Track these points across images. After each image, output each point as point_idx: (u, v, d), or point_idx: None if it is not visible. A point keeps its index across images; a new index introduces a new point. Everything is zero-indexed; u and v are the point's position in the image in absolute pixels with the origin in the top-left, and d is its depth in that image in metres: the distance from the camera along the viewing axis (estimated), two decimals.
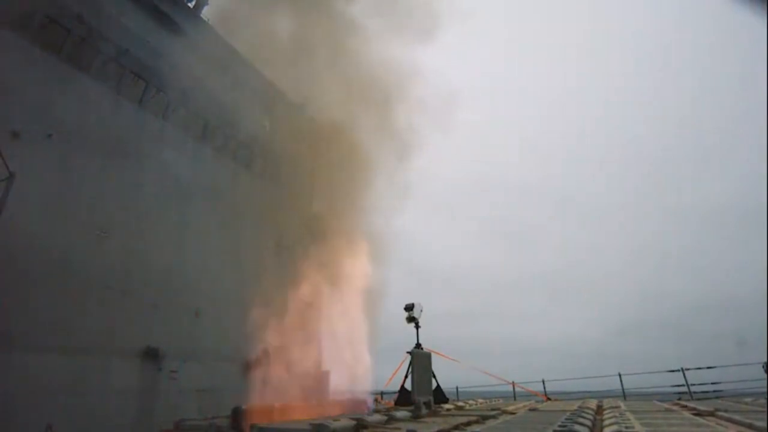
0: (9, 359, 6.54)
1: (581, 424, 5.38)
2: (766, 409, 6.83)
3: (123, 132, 9.15)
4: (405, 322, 11.17)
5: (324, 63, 9.98)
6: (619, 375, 14.44)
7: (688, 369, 13.49)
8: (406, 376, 10.17)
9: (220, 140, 11.74)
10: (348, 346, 8.94)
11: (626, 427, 4.98)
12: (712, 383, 13.07)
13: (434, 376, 10.60)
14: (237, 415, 5.87)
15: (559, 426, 5.11)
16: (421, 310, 11.33)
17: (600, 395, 13.39)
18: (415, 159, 10.48)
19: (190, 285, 9.84)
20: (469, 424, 6.10)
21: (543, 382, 15.16)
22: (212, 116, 11.25)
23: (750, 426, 4.86)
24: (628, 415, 6.58)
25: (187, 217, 10.23)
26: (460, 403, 10.37)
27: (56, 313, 7.30)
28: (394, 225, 10.12)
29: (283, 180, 11.92)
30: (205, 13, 11.78)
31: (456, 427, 5.75)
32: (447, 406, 9.52)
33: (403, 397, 9.87)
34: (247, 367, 8.91)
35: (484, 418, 6.76)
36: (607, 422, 5.84)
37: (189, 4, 11.43)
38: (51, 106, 7.88)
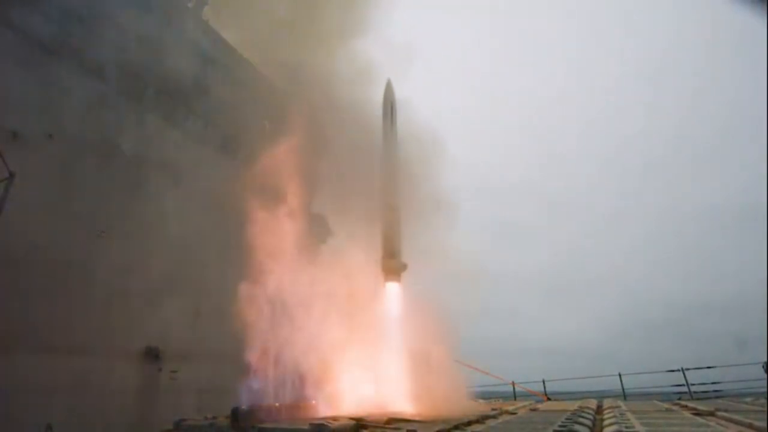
0: (9, 359, 6.53)
1: (581, 424, 5.39)
2: (766, 409, 6.84)
3: (123, 132, 9.14)
4: None
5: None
6: (619, 375, 14.47)
7: (688, 369, 13.51)
8: None
9: (221, 140, 11.73)
10: (348, 347, 8.93)
11: (626, 427, 4.99)
12: (712, 383, 13.08)
13: None
14: (237, 415, 5.88)
15: (560, 426, 5.11)
16: None
17: (600, 395, 13.38)
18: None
19: (190, 285, 9.82)
20: (469, 424, 6.11)
21: (543, 382, 15.18)
22: (213, 116, 11.24)
23: (750, 426, 4.86)
24: (628, 415, 6.59)
25: (188, 217, 10.21)
26: None
27: (56, 313, 7.29)
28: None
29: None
30: (206, 12, 11.79)
31: (456, 426, 5.75)
32: None
33: None
34: (247, 366, 8.90)
35: (484, 418, 6.76)
36: (607, 422, 5.84)
37: (188, 5, 11.44)
38: (51, 106, 7.88)
